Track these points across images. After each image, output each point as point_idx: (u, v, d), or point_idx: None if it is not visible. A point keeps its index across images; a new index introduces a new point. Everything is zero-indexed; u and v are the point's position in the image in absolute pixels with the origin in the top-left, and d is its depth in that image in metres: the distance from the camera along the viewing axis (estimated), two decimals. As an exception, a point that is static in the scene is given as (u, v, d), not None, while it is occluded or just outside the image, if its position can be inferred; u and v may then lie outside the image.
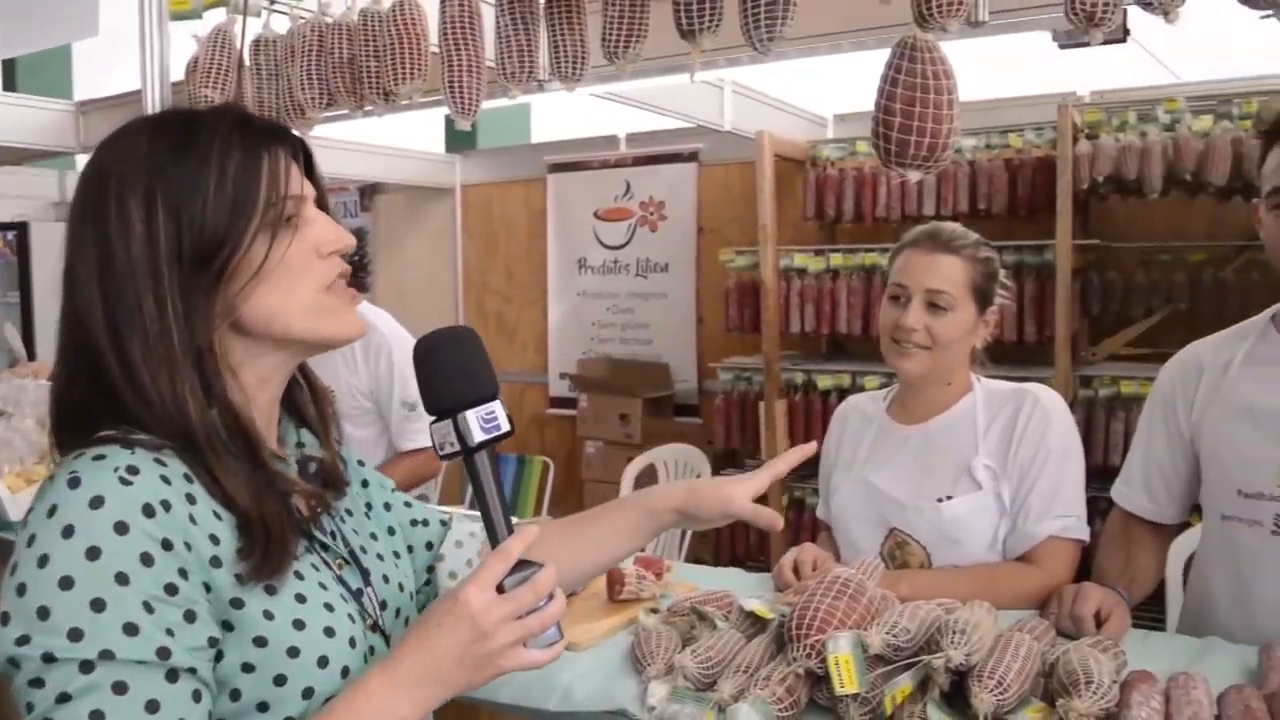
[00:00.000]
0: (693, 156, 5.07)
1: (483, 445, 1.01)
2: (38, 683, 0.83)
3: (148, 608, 0.85)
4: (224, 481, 0.93)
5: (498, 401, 1.03)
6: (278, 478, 0.99)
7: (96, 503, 0.86)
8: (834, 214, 4.24)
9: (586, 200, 5.42)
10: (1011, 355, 3.90)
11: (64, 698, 0.82)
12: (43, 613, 0.83)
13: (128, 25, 2.32)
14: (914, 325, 1.83)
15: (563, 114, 5.32)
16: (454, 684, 0.95)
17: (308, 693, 0.94)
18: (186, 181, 0.95)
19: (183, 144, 0.97)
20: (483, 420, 1.01)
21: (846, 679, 1.27)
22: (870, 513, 1.91)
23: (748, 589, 1.79)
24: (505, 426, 1.02)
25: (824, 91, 4.51)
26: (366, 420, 2.87)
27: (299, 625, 0.95)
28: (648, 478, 4.47)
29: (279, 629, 0.93)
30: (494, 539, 1.02)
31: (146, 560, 0.86)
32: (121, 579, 0.84)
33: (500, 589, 0.96)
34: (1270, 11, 1.42)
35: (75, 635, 0.83)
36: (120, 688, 0.83)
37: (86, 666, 0.82)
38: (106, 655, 0.83)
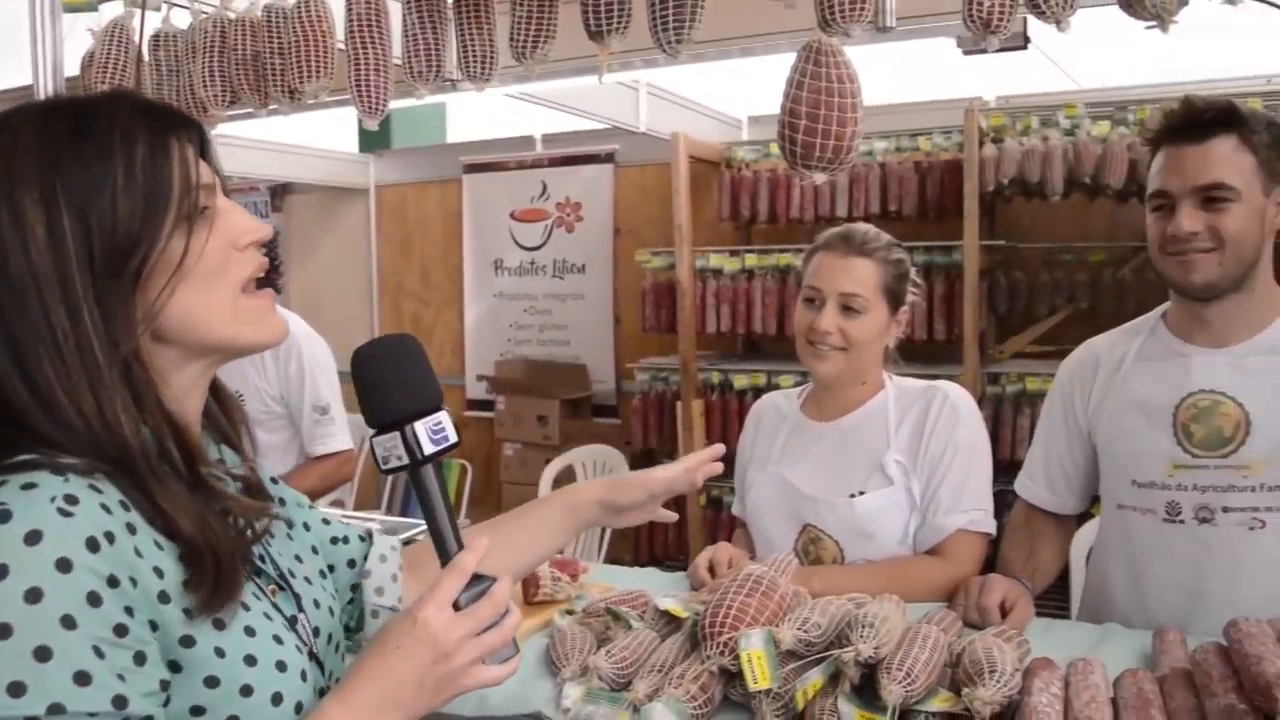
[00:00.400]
0: (609, 158, 5.07)
1: (431, 457, 0.96)
2: None
3: (98, 653, 0.77)
4: (165, 507, 0.86)
5: (444, 412, 0.99)
6: (219, 496, 0.92)
7: (33, 538, 0.77)
8: (749, 215, 4.29)
9: (503, 201, 5.38)
10: (922, 353, 3.98)
11: None
12: None
13: (18, 17, 2.22)
14: (828, 329, 1.86)
15: (479, 114, 5.28)
16: (415, 709, 0.91)
17: None
18: (90, 176, 0.86)
19: (80, 135, 0.88)
20: (432, 431, 0.97)
21: (759, 675, 1.28)
22: (785, 508, 1.94)
23: (663, 588, 1.79)
24: (453, 438, 0.99)
25: (739, 94, 4.55)
26: (277, 425, 2.81)
27: (250, 661, 0.89)
28: (566, 479, 4.45)
29: (231, 667, 0.87)
30: (444, 554, 0.98)
31: (94, 600, 0.77)
32: (68, 622, 0.76)
33: (456, 605, 0.93)
34: (1154, 23, 1.47)
35: (17, 690, 0.74)
36: None
37: None
38: (56, 710, 0.74)
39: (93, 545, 0.79)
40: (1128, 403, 1.80)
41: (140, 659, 0.81)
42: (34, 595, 0.75)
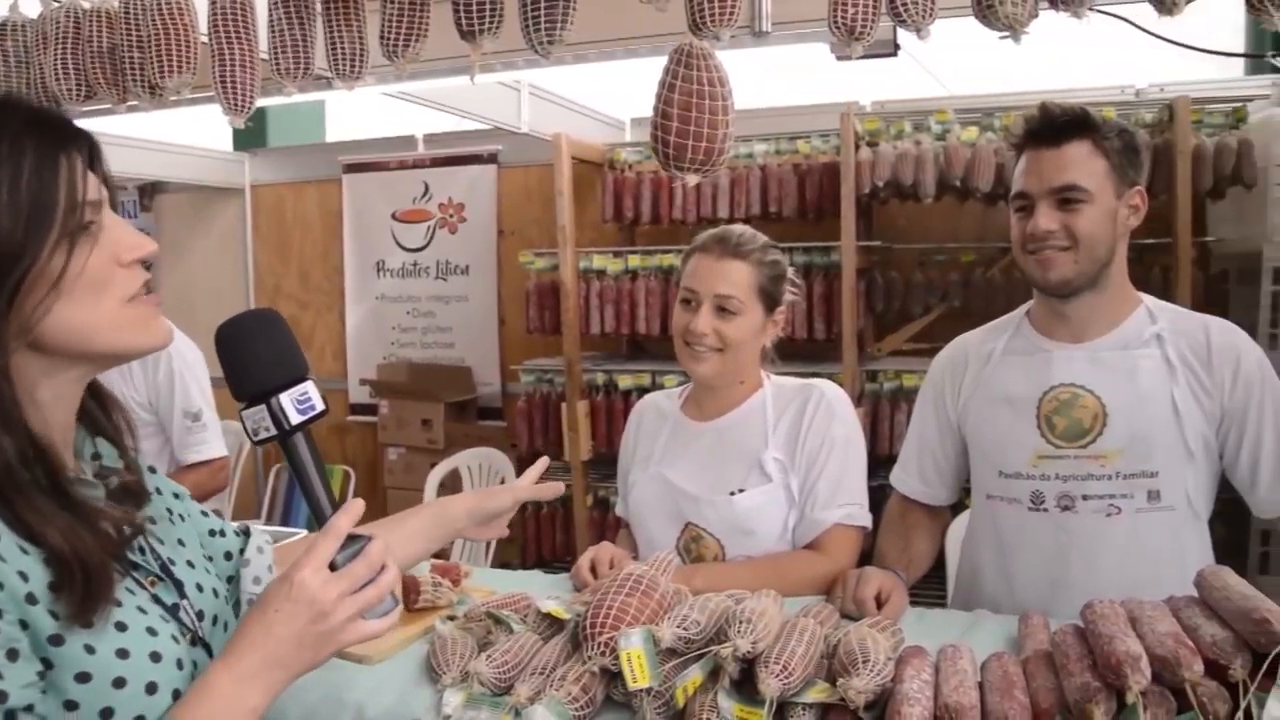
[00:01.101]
0: (492, 158, 5.03)
1: (299, 427, 1.01)
2: None
3: None
4: (29, 519, 0.86)
5: (310, 382, 1.03)
6: (86, 506, 0.92)
7: None
8: (632, 216, 4.31)
9: (384, 202, 5.29)
10: (801, 352, 4.06)
11: None
12: None
13: None
14: (704, 330, 1.88)
15: (358, 113, 5.19)
16: (297, 667, 0.95)
17: None
18: None
19: None
20: (297, 401, 1.01)
21: (639, 674, 1.28)
22: (666, 508, 1.95)
23: (546, 590, 1.78)
24: (320, 406, 1.03)
25: (622, 95, 4.57)
26: (147, 433, 2.70)
27: (123, 654, 0.90)
28: (452, 482, 4.40)
29: (102, 662, 0.88)
30: (320, 518, 1.02)
31: None
32: None
33: (333, 566, 0.96)
34: (1007, 33, 1.54)
35: None
36: None
37: None
38: None
39: None
40: (995, 396, 1.88)
41: (13, 655, 0.83)
42: None
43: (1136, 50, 3.11)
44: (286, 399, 1.00)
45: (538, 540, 4.48)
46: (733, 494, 1.89)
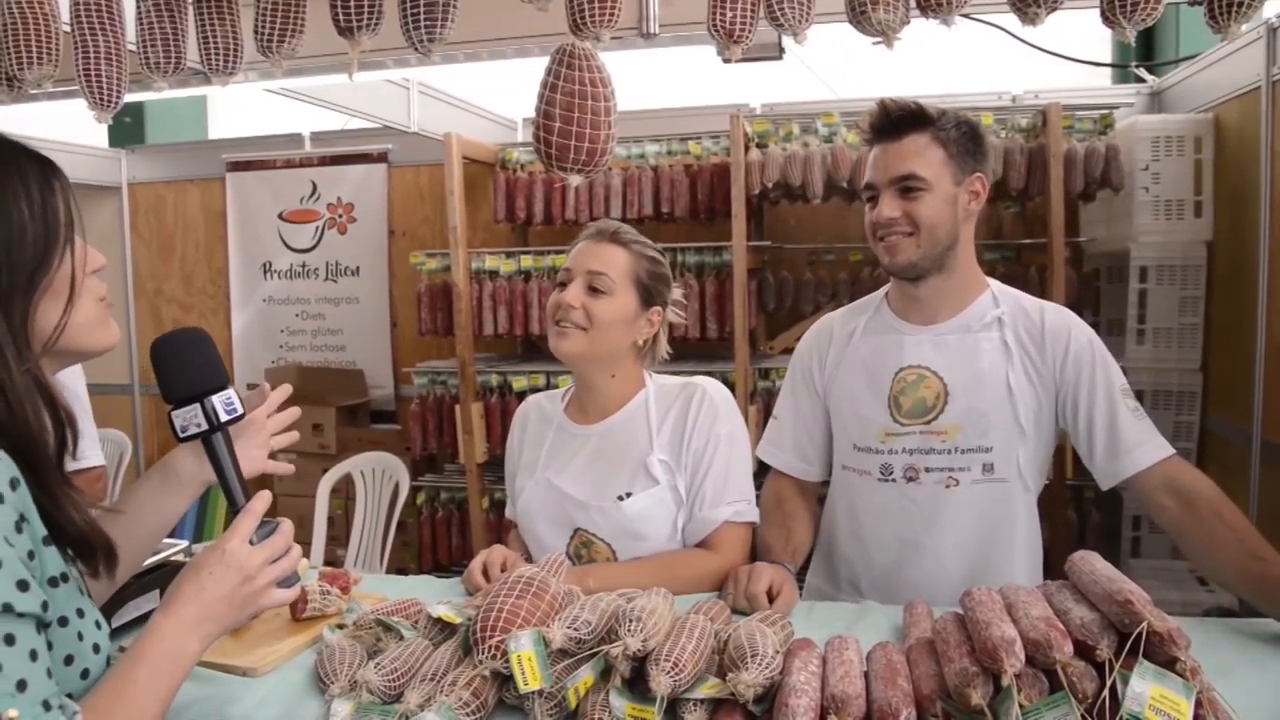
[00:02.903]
0: (382, 157, 4.95)
1: (225, 424, 1.27)
2: None
3: (28, 568, 0.97)
4: (63, 501, 1.06)
5: (233, 389, 1.28)
6: (74, 487, 1.10)
7: None
8: (525, 216, 4.29)
9: (270, 201, 5.15)
10: (695, 351, 4.11)
11: None
12: None
13: None
14: (572, 302, 1.87)
15: (243, 110, 5.04)
16: (226, 621, 1.15)
17: (84, 674, 1.07)
18: (4, 216, 1.03)
19: None
20: (224, 404, 1.27)
21: (530, 676, 1.28)
22: (555, 513, 1.94)
23: (439, 595, 1.76)
24: (240, 409, 1.30)
25: (513, 94, 4.55)
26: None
27: (80, 614, 1.08)
28: (345, 488, 4.32)
29: (78, 616, 1.07)
30: (234, 503, 1.25)
31: (19, 528, 0.98)
32: (7, 543, 0.96)
33: (251, 542, 1.18)
34: (879, 39, 1.58)
35: None
36: (9, 640, 0.94)
37: None
38: (7, 609, 0.94)
39: (14, 485, 0.98)
40: (854, 373, 2.00)
41: (35, 580, 1.00)
42: None
43: (1014, 59, 3.25)
44: (217, 400, 1.25)
45: (433, 544, 4.43)
46: (620, 499, 1.89)
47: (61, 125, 4.55)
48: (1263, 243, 3.17)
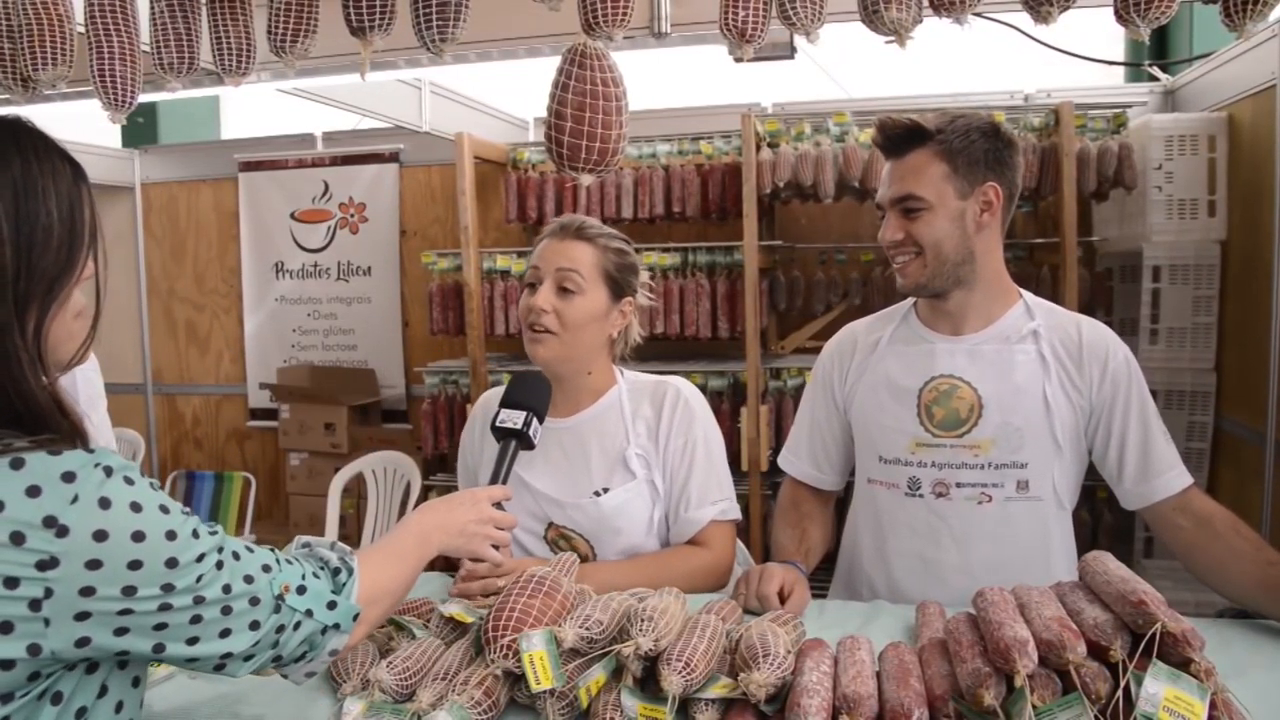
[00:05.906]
0: (394, 157, 4.96)
1: (523, 434, 1.67)
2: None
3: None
4: None
5: (536, 418, 1.69)
6: None
7: (131, 479, 0.99)
8: (535, 216, 4.29)
9: (282, 201, 5.17)
10: (706, 350, 4.10)
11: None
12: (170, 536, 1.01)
13: None
14: (544, 306, 1.85)
15: (255, 110, 5.05)
16: (450, 538, 1.42)
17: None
18: (31, 214, 0.99)
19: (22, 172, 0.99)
20: (537, 423, 1.70)
21: (541, 675, 1.28)
22: (528, 507, 1.93)
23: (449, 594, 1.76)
24: (536, 440, 1.70)
25: (524, 94, 4.55)
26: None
27: None
28: (357, 487, 4.33)
29: None
30: (494, 480, 1.62)
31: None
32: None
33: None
34: (892, 39, 1.58)
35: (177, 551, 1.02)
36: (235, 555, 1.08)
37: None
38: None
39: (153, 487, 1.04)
40: (879, 383, 1.95)
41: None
42: (165, 508, 1.01)
43: (1026, 58, 3.24)
44: (535, 420, 1.68)
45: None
46: (598, 494, 1.89)
47: (75, 125, 4.58)
48: (1276, 242, 3.15)
